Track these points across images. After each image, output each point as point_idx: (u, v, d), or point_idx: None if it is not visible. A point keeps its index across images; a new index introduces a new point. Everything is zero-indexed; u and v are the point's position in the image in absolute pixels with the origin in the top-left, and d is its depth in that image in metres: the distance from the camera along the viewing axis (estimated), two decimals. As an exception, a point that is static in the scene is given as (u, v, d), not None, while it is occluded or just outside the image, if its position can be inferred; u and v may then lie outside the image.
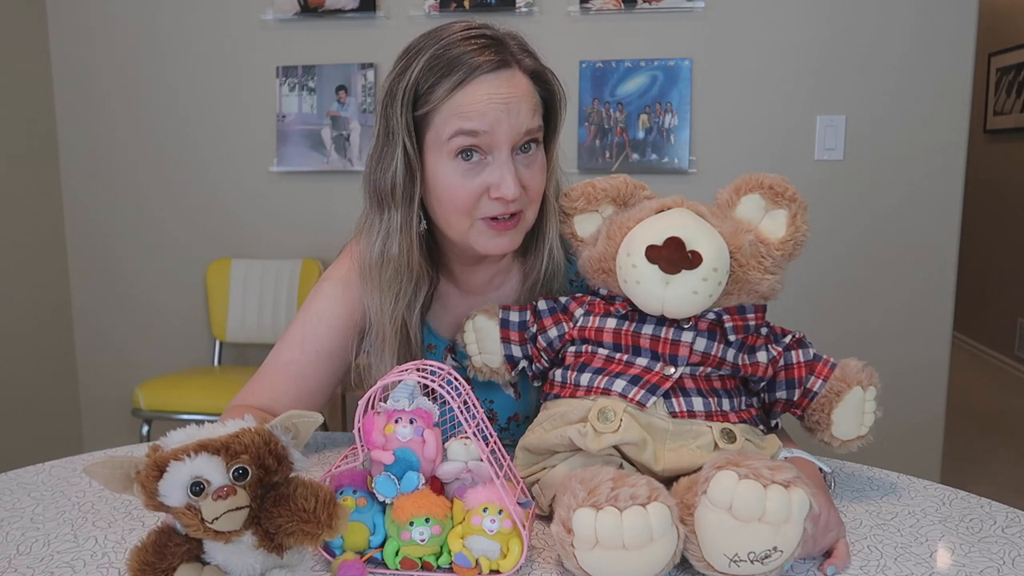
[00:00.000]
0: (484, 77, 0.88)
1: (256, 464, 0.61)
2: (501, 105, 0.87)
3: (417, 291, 0.98)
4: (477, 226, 0.91)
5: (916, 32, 2.23)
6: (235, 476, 0.60)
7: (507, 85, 0.89)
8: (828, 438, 0.85)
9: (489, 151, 0.89)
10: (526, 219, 0.94)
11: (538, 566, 0.73)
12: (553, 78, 0.95)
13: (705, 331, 0.80)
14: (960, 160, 2.25)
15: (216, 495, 0.58)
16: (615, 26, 2.36)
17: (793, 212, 0.82)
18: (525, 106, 0.89)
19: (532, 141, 0.91)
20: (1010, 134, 4.22)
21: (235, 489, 0.59)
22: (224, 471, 0.59)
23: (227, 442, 0.61)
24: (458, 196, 0.90)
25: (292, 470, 0.64)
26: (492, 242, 0.92)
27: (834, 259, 2.32)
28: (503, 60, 0.89)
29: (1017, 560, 0.74)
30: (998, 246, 4.33)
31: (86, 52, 2.62)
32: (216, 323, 2.59)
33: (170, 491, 0.59)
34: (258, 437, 0.62)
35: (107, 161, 2.66)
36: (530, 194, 0.92)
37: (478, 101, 0.87)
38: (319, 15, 2.45)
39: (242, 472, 0.60)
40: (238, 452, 0.60)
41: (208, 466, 0.59)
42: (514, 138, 0.89)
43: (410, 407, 0.73)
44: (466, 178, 0.89)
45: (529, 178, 0.91)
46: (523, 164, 0.91)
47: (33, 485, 0.92)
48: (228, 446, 0.61)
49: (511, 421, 1.06)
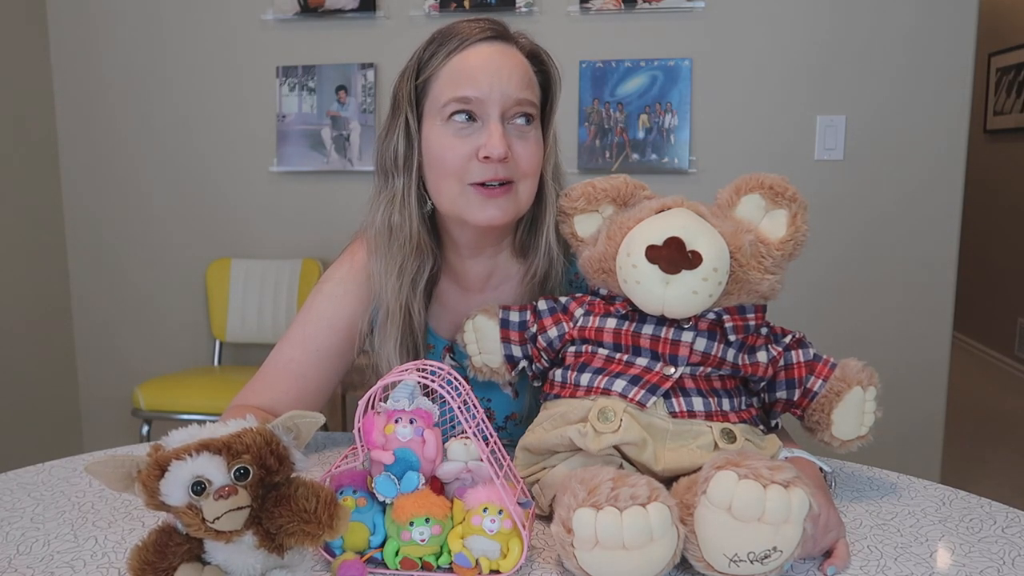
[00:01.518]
0: (479, 44, 0.92)
1: (258, 464, 0.61)
2: (493, 71, 0.91)
3: (421, 268, 0.99)
4: (467, 193, 0.92)
5: (916, 32, 2.23)
6: (236, 476, 0.60)
7: (500, 54, 0.93)
8: (828, 438, 0.85)
9: (481, 116, 0.91)
10: (519, 194, 0.94)
11: (538, 566, 0.73)
12: (549, 60, 0.98)
13: (705, 331, 0.80)
14: (960, 160, 2.25)
15: (217, 495, 0.58)
16: (615, 26, 2.36)
17: (793, 212, 0.82)
18: (517, 76, 0.92)
19: (526, 115, 0.93)
20: (1010, 134, 4.22)
21: (236, 489, 0.59)
22: (226, 471, 0.59)
23: (229, 442, 0.61)
24: (448, 158, 0.92)
25: (293, 470, 0.64)
26: (481, 211, 0.92)
27: (834, 259, 2.32)
28: (500, 35, 0.94)
29: (1017, 560, 0.74)
30: (998, 246, 4.33)
31: (86, 52, 2.62)
32: (216, 323, 2.59)
33: (171, 491, 0.59)
34: (260, 437, 0.62)
35: (107, 161, 2.66)
36: (522, 166, 0.93)
37: (471, 66, 0.91)
38: (319, 15, 2.45)
39: (244, 472, 0.60)
40: (240, 452, 0.60)
41: (210, 466, 0.59)
42: (505, 104, 0.91)
43: (410, 407, 0.73)
44: (457, 139, 0.92)
45: (522, 149, 0.92)
46: (516, 134, 0.92)
47: (33, 485, 0.92)
48: (230, 446, 0.60)
49: (508, 420, 1.06)
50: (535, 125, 0.95)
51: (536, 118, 0.95)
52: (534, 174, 0.94)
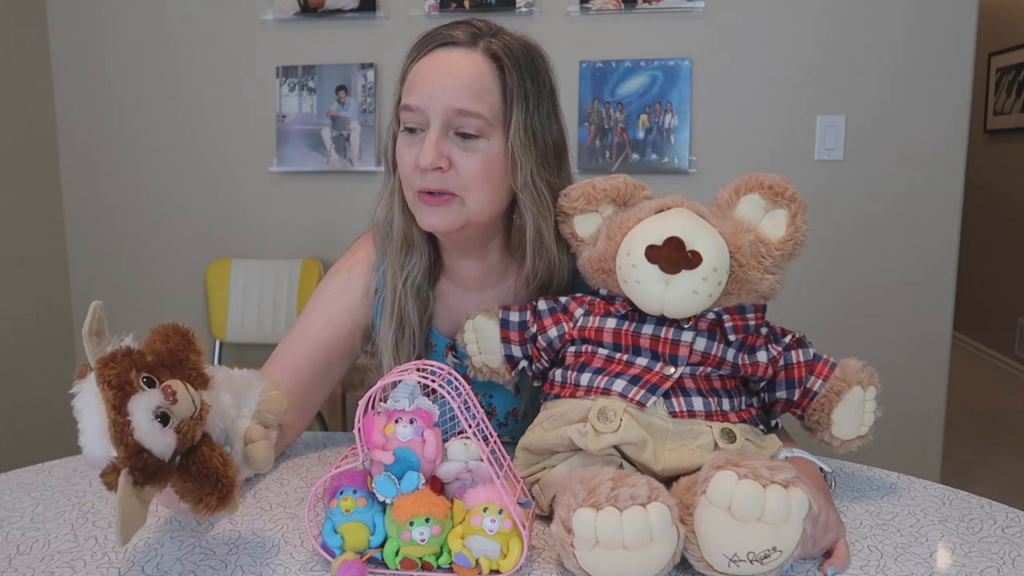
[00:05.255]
0: (435, 52, 0.92)
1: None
2: (436, 78, 0.90)
3: (415, 264, 1.00)
4: (415, 199, 0.94)
5: (916, 32, 2.23)
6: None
7: (451, 61, 0.91)
8: (828, 438, 0.85)
9: (425, 125, 0.91)
10: (465, 204, 0.92)
11: (538, 566, 0.73)
12: (510, 68, 0.91)
13: (705, 331, 0.80)
14: (960, 160, 2.25)
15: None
16: (615, 26, 2.36)
17: (793, 212, 0.82)
18: (461, 84, 0.89)
19: (471, 129, 0.90)
20: (1010, 134, 4.22)
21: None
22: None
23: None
24: (401, 165, 0.94)
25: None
26: (424, 217, 0.94)
27: (834, 259, 2.32)
28: (465, 39, 0.92)
29: (1017, 560, 0.74)
30: (998, 246, 4.33)
31: (86, 52, 2.62)
32: (216, 323, 2.59)
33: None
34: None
35: (107, 161, 2.66)
36: (464, 178, 0.91)
37: (419, 74, 0.91)
38: (319, 15, 2.45)
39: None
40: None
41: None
42: (445, 114, 0.89)
43: (410, 407, 0.73)
44: (405, 147, 0.93)
45: (463, 161, 0.90)
46: (459, 146, 0.91)
47: (33, 485, 0.92)
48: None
49: (510, 416, 1.06)
50: (488, 137, 0.91)
51: (489, 129, 0.91)
52: (479, 187, 0.91)
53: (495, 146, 0.92)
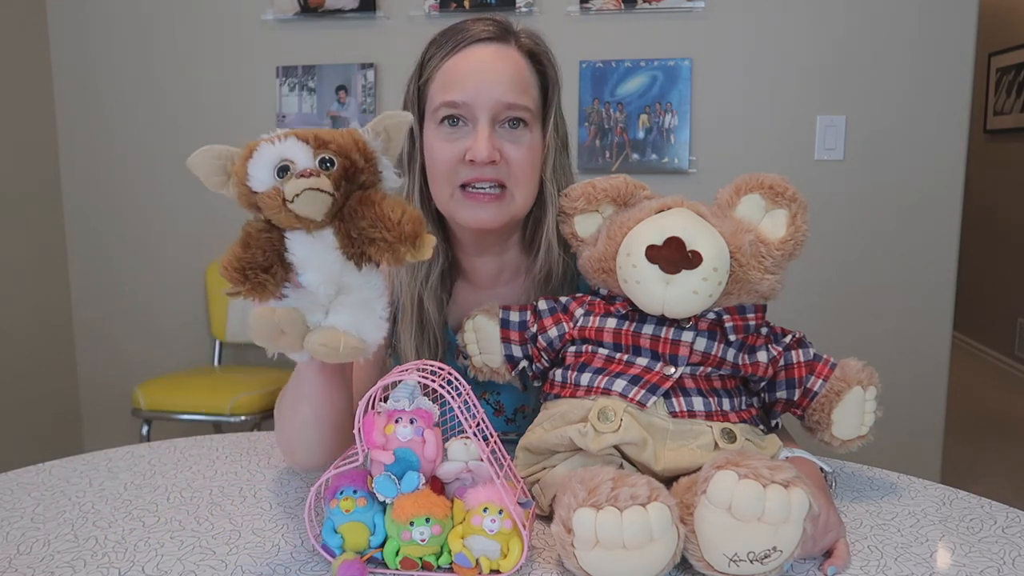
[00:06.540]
0: (474, 47, 0.92)
1: (342, 155, 0.62)
2: (483, 74, 0.90)
3: (431, 264, 0.99)
4: (456, 196, 0.93)
5: (916, 32, 2.23)
6: (321, 164, 0.61)
7: (494, 56, 0.92)
8: (828, 438, 0.85)
9: (470, 120, 0.91)
10: (514, 198, 0.94)
11: (538, 566, 0.73)
12: (548, 61, 0.97)
13: (705, 331, 0.80)
14: (960, 160, 2.25)
15: (299, 175, 0.60)
16: (615, 26, 2.36)
17: (793, 212, 0.82)
18: (509, 79, 0.91)
19: (519, 120, 0.92)
20: (1010, 134, 4.22)
21: (319, 172, 0.61)
22: (311, 157, 0.61)
23: (317, 132, 0.63)
24: (438, 160, 0.93)
25: (380, 178, 0.65)
26: (471, 214, 0.93)
27: (834, 259, 2.32)
28: (498, 35, 0.93)
29: (1017, 560, 0.74)
30: (998, 246, 4.33)
31: (86, 52, 2.62)
32: (216, 323, 2.59)
33: (257, 171, 0.61)
34: (347, 135, 0.64)
35: (107, 161, 2.66)
36: (514, 170, 0.92)
37: (461, 70, 0.91)
38: (319, 15, 2.45)
39: (328, 162, 0.61)
40: (326, 142, 0.62)
41: (296, 149, 0.61)
42: (494, 108, 0.91)
43: (410, 407, 0.73)
44: (447, 142, 0.92)
45: (514, 153, 0.92)
46: (508, 139, 0.92)
47: (33, 485, 0.92)
48: (317, 135, 0.62)
49: (518, 413, 1.07)
50: (531, 128, 0.94)
51: (532, 121, 0.94)
52: (528, 178, 0.94)
53: (536, 138, 0.95)
